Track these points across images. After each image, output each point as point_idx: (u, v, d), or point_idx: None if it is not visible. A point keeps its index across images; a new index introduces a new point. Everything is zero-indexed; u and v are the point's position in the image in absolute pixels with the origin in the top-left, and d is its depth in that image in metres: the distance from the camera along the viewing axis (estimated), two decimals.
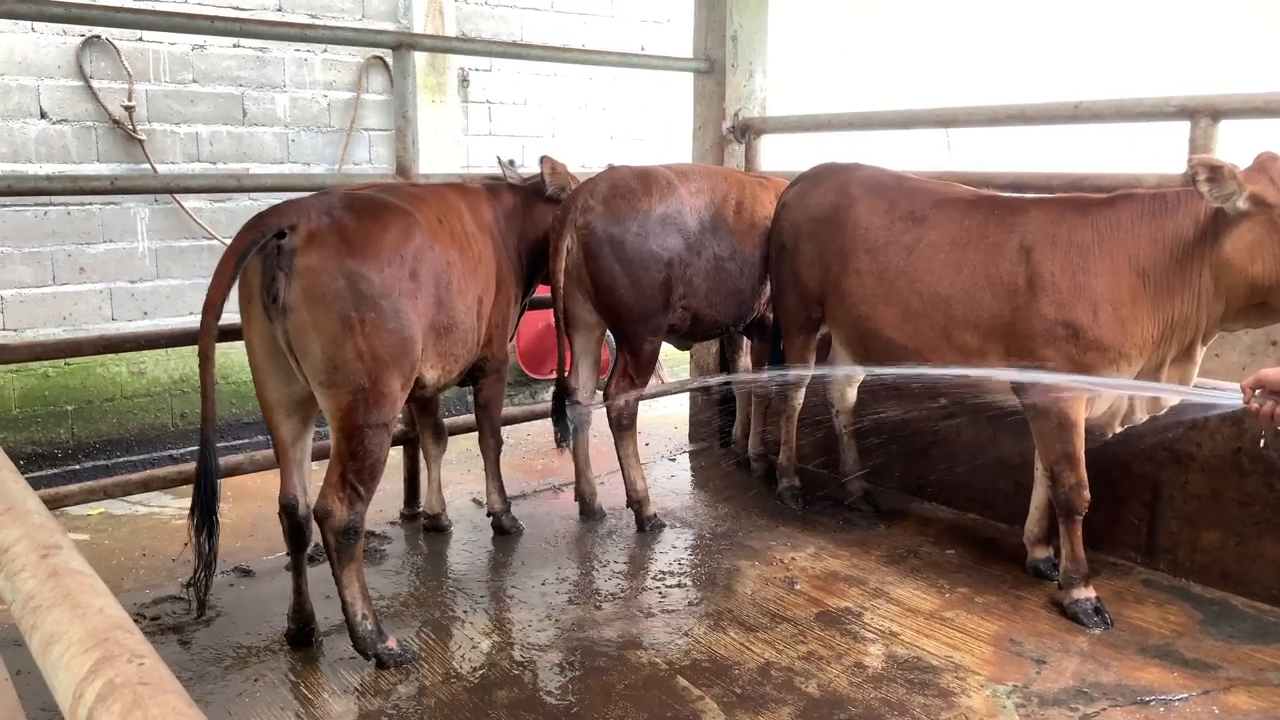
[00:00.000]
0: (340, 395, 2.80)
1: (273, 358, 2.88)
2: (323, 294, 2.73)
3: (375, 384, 2.82)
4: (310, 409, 3.02)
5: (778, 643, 3.15)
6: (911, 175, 3.86)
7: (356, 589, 2.96)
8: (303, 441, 3.06)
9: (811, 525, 4.14)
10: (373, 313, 2.78)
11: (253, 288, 2.82)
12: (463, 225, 3.37)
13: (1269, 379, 2.53)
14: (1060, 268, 3.13)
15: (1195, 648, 3.11)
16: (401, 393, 2.96)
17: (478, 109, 6.96)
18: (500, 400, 3.91)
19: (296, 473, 3.04)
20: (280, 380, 2.92)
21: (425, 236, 3.04)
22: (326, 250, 2.74)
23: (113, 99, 5.44)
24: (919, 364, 3.48)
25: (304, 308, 2.73)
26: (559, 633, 3.23)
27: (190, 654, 3.14)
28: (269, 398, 2.96)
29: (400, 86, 3.93)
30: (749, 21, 5.02)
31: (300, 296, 2.73)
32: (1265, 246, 2.81)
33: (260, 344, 2.88)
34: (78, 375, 5.55)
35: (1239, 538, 3.41)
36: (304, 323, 2.74)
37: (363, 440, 2.84)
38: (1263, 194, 2.78)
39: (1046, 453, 3.30)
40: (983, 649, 3.10)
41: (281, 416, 2.98)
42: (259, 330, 2.86)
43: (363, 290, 2.77)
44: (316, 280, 2.73)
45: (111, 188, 3.30)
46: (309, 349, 2.77)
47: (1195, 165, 2.82)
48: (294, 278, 2.72)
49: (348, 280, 2.74)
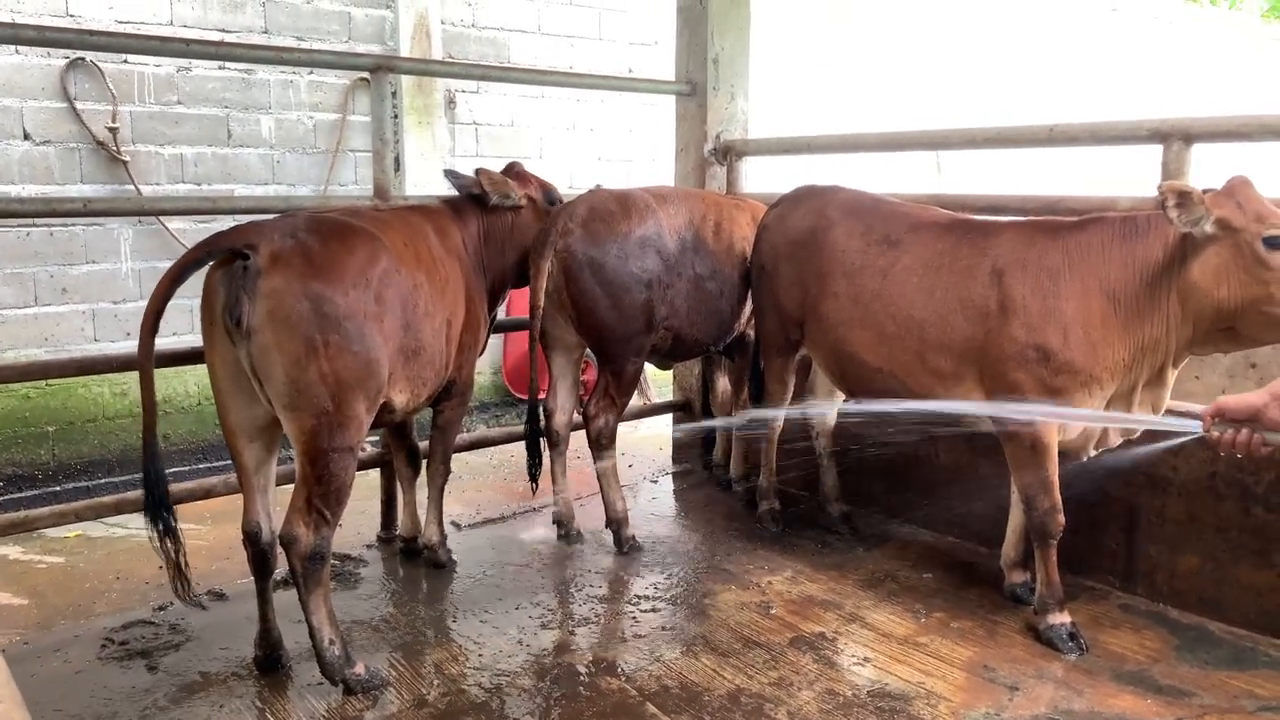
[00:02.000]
0: (304, 418, 2.79)
1: (235, 381, 2.87)
2: (287, 316, 2.71)
3: (339, 407, 2.80)
4: (274, 434, 3.00)
5: (749, 669, 3.12)
6: (889, 198, 3.86)
7: (324, 614, 2.93)
8: (266, 468, 3.04)
9: (790, 548, 4.11)
10: (336, 335, 2.77)
11: (215, 310, 2.81)
12: (429, 248, 3.36)
13: (1228, 407, 2.49)
14: (1031, 291, 3.13)
15: (1170, 674, 3.08)
16: (367, 416, 2.94)
17: (465, 130, 6.99)
18: (459, 424, 3.88)
19: (260, 499, 3.02)
20: (243, 404, 2.90)
21: (391, 259, 3.03)
22: (291, 272, 2.73)
23: (97, 120, 5.46)
24: (894, 386, 3.47)
25: (268, 330, 2.72)
26: (530, 658, 3.20)
27: (156, 679, 3.11)
28: (231, 422, 2.94)
29: (378, 109, 3.93)
30: (731, 44, 5.04)
31: (264, 319, 2.72)
32: (1230, 270, 2.81)
33: (222, 367, 2.86)
34: (59, 396, 5.53)
35: (1216, 563, 3.39)
36: (268, 345, 2.73)
37: (328, 464, 2.82)
38: (1229, 218, 2.79)
39: (1020, 476, 3.28)
40: (956, 675, 3.08)
41: (244, 442, 2.96)
42: (221, 353, 2.84)
43: (327, 312, 2.75)
44: (281, 302, 2.72)
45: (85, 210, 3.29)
46: (272, 372, 2.76)
47: (1165, 192, 2.83)
48: (258, 300, 2.71)
49: (312, 302, 2.73)
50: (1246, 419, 2.46)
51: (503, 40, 7.12)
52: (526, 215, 3.92)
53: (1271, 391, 2.43)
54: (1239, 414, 2.46)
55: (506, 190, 3.84)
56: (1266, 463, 3.23)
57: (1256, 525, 3.27)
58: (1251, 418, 2.45)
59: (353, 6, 6.33)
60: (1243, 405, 2.46)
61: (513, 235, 3.87)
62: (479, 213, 3.81)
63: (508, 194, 3.84)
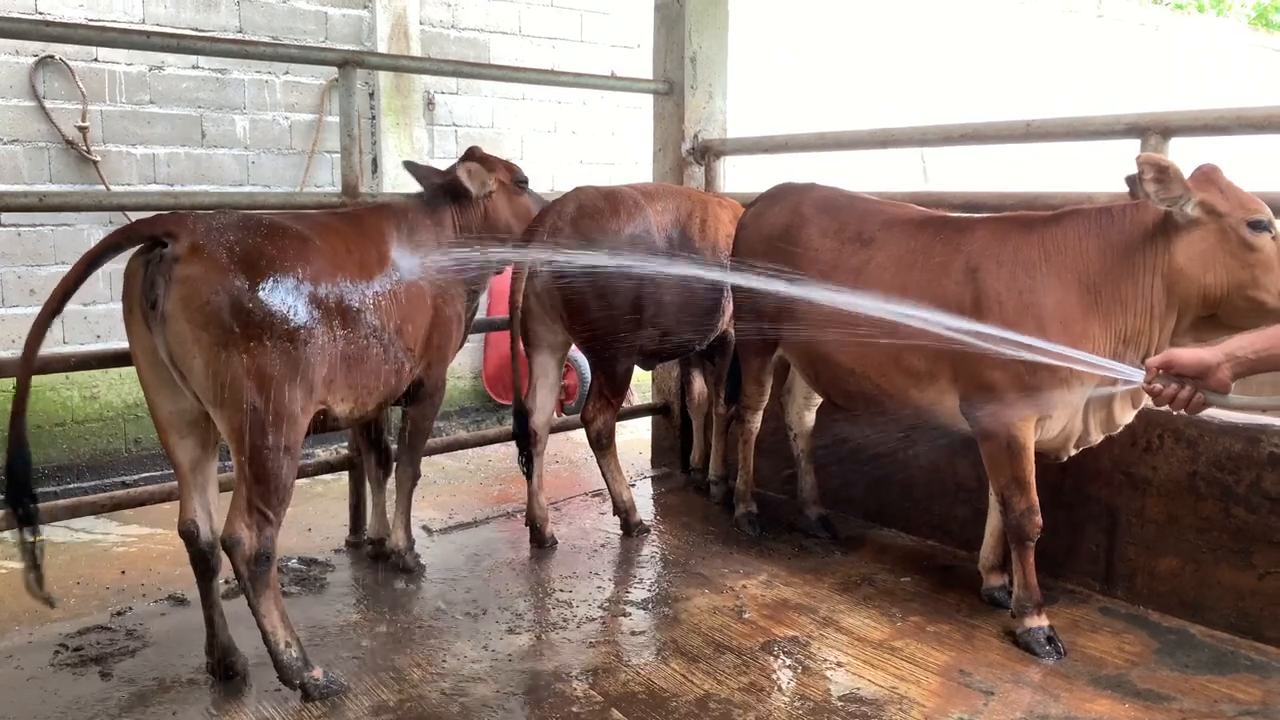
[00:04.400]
0: (231, 415, 2.73)
1: (156, 372, 2.81)
2: (202, 304, 2.66)
3: (268, 404, 2.73)
4: (207, 431, 2.92)
5: (719, 674, 3.04)
6: (865, 196, 3.81)
7: (276, 617, 2.85)
8: (203, 466, 2.96)
9: (766, 552, 4.04)
10: (257, 330, 2.71)
11: (133, 297, 2.76)
12: (380, 251, 3.27)
13: (1177, 360, 2.42)
14: (1006, 287, 3.07)
15: (1149, 678, 3.01)
16: (301, 416, 2.86)
17: (444, 132, 6.92)
18: (429, 427, 3.80)
19: (198, 498, 2.94)
20: (168, 396, 2.84)
21: (324, 263, 2.95)
22: (209, 262, 2.68)
23: (66, 120, 5.38)
24: (867, 388, 3.41)
25: (181, 318, 2.66)
26: (494, 664, 3.12)
27: (110, 685, 3.02)
28: (160, 417, 2.89)
29: (346, 105, 3.86)
30: (708, 43, 4.98)
31: (178, 305, 2.66)
32: (1217, 255, 2.78)
33: (143, 356, 2.82)
34: None
35: (1196, 564, 3.33)
36: (183, 334, 2.68)
37: (264, 463, 2.76)
38: (1213, 202, 2.76)
39: (996, 477, 3.21)
40: (930, 680, 3.00)
41: (175, 438, 2.89)
42: (140, 341, 2.80)
43: (246, 306, 2.69)
44: (195, 290, 2.66)
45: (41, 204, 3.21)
46: (191, 364, 2.70)
47: (1142, 164, 2.78)
48: (172, 285, 2.66)
49: (229, 295, 2.67)
50: (1195, 375, 2.40)
51: (483, 41, 7.06)
52: (498, 199, 3.86)
53: (1226, 350, 2.37)
54: (1187, 369, 2.40)
55: (484, 179, 3.77)
56: (1246, 461, 3.17)
57: (1237, 526, 3.21)
58: (1200, 374, 2.39)
59: (329, 6, 6.27)
60: (1193, 360, 2.40)
61: (486, 222, 3.80)
62: (450, 205, 3.74)
63: (485, 182, 3.78)
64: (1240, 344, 2.38)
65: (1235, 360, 2.36)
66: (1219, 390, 2.38)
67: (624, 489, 4.28)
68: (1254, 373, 2.38)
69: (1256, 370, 2.38)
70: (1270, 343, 2.34)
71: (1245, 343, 2.38)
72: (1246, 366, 2.36)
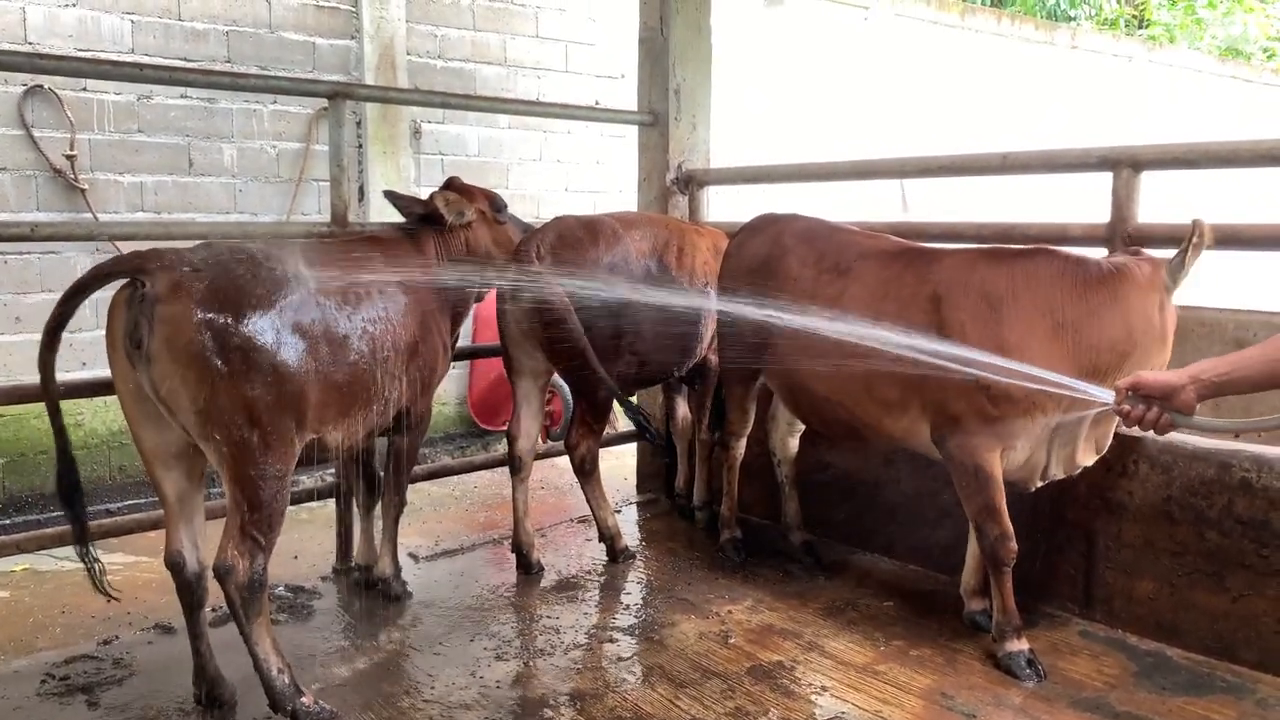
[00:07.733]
0: (220, 446, 2.75)
1: (140, 406, 2.82)
2: (186, 344, 2.67)
3: (257, 433, 2.76)
4: (193, 463, 2.94)
5: (705, 699, 3.08)
6: (844, 226, 3.88)
7: (268, 643, 2.86)
8: (190, 497, 2.97)
9: (751, 577, 4.08)
10: (243, 362, 2.73)
11: (116, 335, 2.77)
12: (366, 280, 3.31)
13: (1145, 383, 2.48)
14: (970, 318, 3.13)
15: (1128, 700, 3.06)
16: (293, 443, 2.88)
17: (431, 161, 6.98)
18: (415, 455, 3.82)
19: (184, 529, 2.95)
20: (152, 429, 2.86)
21: (306, 292, 2.98)
22: (190, 301, 2.68)
23: (54, 148, 5.41)
24: (842, 416, 3.46)
25: (166, 358, 2.68)
26: (482, 691, 3.14)
27: (97, 714, 3.03)
28: (145, 449, 2.90)
29: (335, 136, 3.92)
30: (692, 75, 5.07)
31: (162, 346, 2.68)
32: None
33: (127, 391, 2.83)
34: (10, 427, 5.43)
35: (1172, 588, 3.39)
36: (170, 373, 2.69)
37: (256, 491, 2.78)
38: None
39: (969, 505, 3.27)
40: (913, 703, 3.04)
41: (162, 470, 2.91)
42: (123, 377, 2.81)
43: (230, 342, 2.71)
44: (178, 330, 2.67)
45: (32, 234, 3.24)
46: (179, 402, 2.72)
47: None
48: (156, 326, 2.67)
49: (213, 332, 2.69)
50: (1161, 396, 2.45)
51: (469, 71, 7.14)
52: (478, 228, 3.91)
53: (1190, 373, 2.42)
54: (1154, 390, 2.45)
55: (461, 208, 3.83)
56: (1218, 486, 3.25)
57: (1210, 550, 3.27)
58: (1165, 396, 2.44)
59: (318, 37, 6.34)
60: (1159, 383, 2.46)
61: (468, 251, 3.85)
62: (433, 234, 3.79)
63: (463, 211, 3.83)
64: (1204, 367, 2.43)
65: (1199, 383, 2.40)
66: (1184, 411, 2.43)
67: (609, 515, 4.30)
68: (1219, 395, 2.43)
69: (1222, 393, 2.43)
70: (1232, 366, 2.39)
71: (1209, 366, 2.43)
72: (1210, 389, 2.40)
